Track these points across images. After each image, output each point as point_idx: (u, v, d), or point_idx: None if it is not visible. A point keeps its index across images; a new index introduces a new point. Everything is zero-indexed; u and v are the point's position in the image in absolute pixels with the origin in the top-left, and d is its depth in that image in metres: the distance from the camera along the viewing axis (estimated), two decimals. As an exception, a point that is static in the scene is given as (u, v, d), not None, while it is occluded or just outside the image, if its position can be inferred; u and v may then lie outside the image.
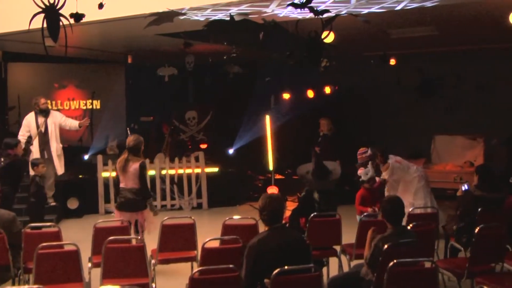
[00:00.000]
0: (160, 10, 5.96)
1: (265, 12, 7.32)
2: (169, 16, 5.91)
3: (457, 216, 6.62)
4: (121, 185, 6.73)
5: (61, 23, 4.23)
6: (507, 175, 7.47)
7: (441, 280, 5.64)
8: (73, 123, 9.97)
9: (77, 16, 4.44)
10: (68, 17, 4.34)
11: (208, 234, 5.67)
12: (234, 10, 7.11)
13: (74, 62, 12.51)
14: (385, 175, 7.71)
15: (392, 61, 12.01)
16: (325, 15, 5.04)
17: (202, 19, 7.68)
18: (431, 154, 12.85)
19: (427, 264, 4.95)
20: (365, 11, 7.48)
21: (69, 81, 13.02)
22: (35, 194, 7.85)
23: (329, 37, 5.55)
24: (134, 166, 6.63)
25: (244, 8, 7.05)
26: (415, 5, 7.19)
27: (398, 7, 7.29)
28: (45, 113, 9.69)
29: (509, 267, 5.63)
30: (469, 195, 6.62)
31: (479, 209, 6.15)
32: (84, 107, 13.08)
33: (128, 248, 5.37)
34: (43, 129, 9.59)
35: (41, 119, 9.62)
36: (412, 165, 8.10)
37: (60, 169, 9.82)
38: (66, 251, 5.16)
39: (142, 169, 6.69)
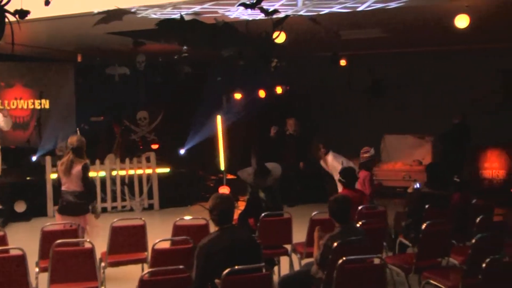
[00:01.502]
0: (109, 8, 5.87)
1: (223, 12, 7.25)
2: (117, 14, 5.82)
3: (405, 213, 6.78)
4: (63, 188, 6.51)
5: (6, 20, 4.10)
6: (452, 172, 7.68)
7: (390, 276, 5.76)
8: None
9: (22, 13, 4.31)
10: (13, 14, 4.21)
11: (160, 235, 5.62)
12: (197, 9, 6.99)
13: (22, 60, 12.13)
14: (322, 163, 8.96)
15: (343, 62, 12.15)
16: (275, 16, 5.08)
17: (159, 16, 7.53)
18: (380, 153, 13.10)
19: (377, 261, 5.04)
20: (326, 10, 7.45)
21: (16, 80, 12.61)
22: None
23: (280, 37, 5.60)
24: (77, 168, 6.43)
25: (208, 6, 6.91)
26: (379, 5, 7.14)
27: (361, 7, 7.24)
28: None
29: (454, 261, 5.81)
30: (417, 192, 6.79)
31: (426, 206, 6.32)
32: (32, 107, 12.73)
33: (76, 252, 5.25)
34: None
35: None
36: (345, 161, 8.65)
37: None
38: (11, 256, 4.97)
39: (85, 170, 6.48)
